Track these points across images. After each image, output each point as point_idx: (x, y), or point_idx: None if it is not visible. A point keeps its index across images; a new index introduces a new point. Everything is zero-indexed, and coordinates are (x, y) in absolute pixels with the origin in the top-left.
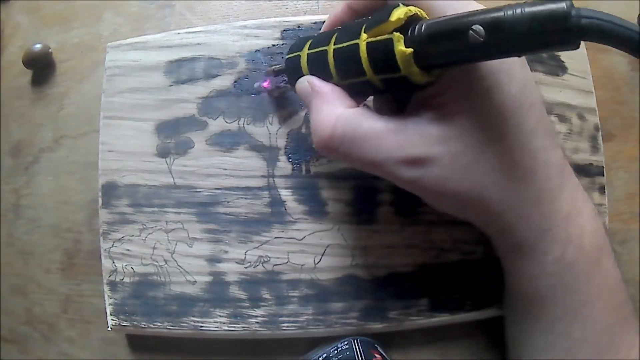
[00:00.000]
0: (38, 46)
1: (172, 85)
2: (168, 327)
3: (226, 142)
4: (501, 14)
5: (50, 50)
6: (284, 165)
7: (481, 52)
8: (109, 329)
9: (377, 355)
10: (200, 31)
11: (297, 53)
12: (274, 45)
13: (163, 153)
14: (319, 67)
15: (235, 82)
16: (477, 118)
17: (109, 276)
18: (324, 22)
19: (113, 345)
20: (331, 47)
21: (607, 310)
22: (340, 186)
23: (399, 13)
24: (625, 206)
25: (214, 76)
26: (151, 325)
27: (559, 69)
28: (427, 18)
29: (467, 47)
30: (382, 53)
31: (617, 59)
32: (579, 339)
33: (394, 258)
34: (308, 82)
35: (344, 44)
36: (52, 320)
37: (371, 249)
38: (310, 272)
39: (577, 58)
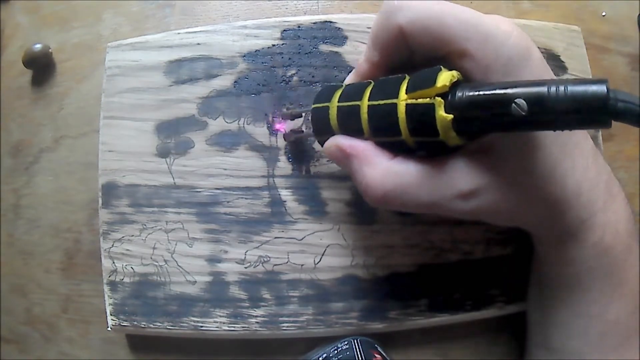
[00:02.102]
0: (38, 46)
1: (172, 85)
2: (168, 327)
3: (226, 142)
4: (544, 90)
5: (50, 50)
6: (284, 165)
7: (520, 125)
8: (109, 329)
9: (377, 355)
10: (200, 31)
11: (326, 104)
12: (274, 45)
13: (163, 153)
14: (350, 122)
15: (235, 82)
16: (509, 143)
17: (109, 276)
18: (324, 22)
19: (113, 345)
20: (365, 103)
21: (637, 291)
22: (340, 186)
23: (444, 79)
24: None
25: (214, 76)
26: (151, 325)
27: (559, 69)
28: (462, 80)
29: (507, 120)
30: (421, 117)
31: (617, 59)
32: (613, 320)
33: (394, 258)
34: (337, 147)
35: (381, 102)
36: (52, 320)
37: (371, 249)
38: (310, 272)
39: (577, 58)
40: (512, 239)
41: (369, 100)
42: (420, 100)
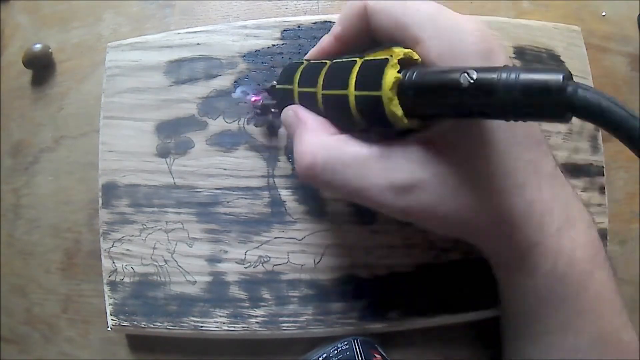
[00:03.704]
0: (38, 46)
1: (172, 85)
2: (168, 327)
3: (226, 142)
4: (495, 76)
5: (50, 50)
6: (284, 165)
7: (469, 112)
8: (109, 329)
9: (377, 355)
10: (200, 31)
11: (289, 86)
12: (274, 45)
13: (163, 153)
14: (310, 73)
15: (235, 82)
16: (463, 137)
17: (109, 276)
18: (324, 22)
19: (113, 345)
20: (319, 91)
21: (600, 321)
22: None
23: (390, 79)
24: (625, 206)
25: (214, 76)
26: (151, 325)
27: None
28: (420, 61)
29: (456, 101)
30: (371, 69)
31: (617, 59)
32: (570, 350)
33: (394, 258)
34: (293, 111)
35: (333, 92)
36: (52, 320)
37: (371, 249)
38: (310, 272)
39: (577, 58)
40: None
41: (322, 88)
42: (368, 93)
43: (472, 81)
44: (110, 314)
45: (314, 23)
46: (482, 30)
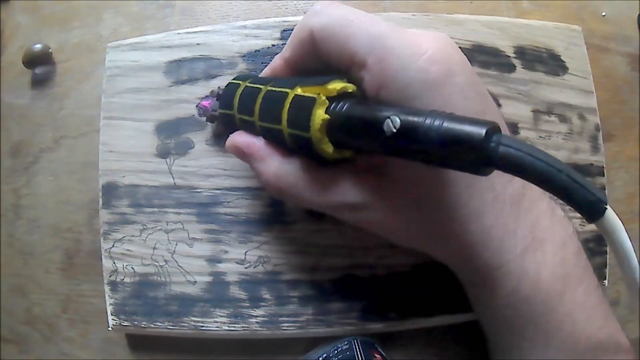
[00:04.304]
0: (38, 46)
1: (172, 86)
2: (168, 327)
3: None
4: (420, 119)
5: (50, 50)
6: None
7: (390, 149)
8: (110, 328)
9: (377, 355)
10: (200, 31)
11: (239, 82)
12: (274, 45)
13: (163, 153)
14: (247, 100)
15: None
16: (409, 166)
17: (110, 276)
18: None
19: (113, 345)
20: (266, 87)
21: (573, 339)
22: None
23: (336, 85)
24: (625, 206)
25: (214, 76)
26: (151, 325)
27: (559, 68)
28: (356, 93)
29: (378, 141)
30: (301, 107)
31: (617, 59)
32: None
33: (394, 258)
34: (235, 145)
35: (278, 89)
36: (52, 320)
37: (371, 249)
38: (310, 272)
39: (578, 58)
40: None
41: (259, 120)
42: (306, 93)
43: (394, 130)
44: (111, 314)
45: None
46: (436, 51)
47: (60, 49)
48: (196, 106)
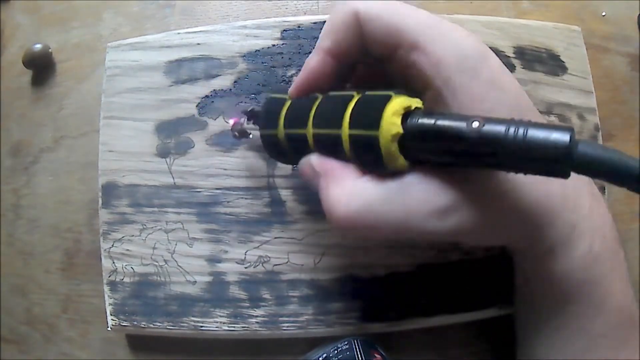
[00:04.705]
0: (38, 46)
1: (172, 85)
2: (168, 327)
3: (226, 142)
4: (502, 129)
5: (50, 50)
6: (284, 165)
7: (471, 159)
8: (109, 329)
9: (377, 355)
10: (200, 31)
11: (273, 132)
12: (274, 45)
13: (163, 153)
14: (297, 112)
15: (235, 82)
16: None
17: (109, 276)
18: (324, 22)
19: (113, 345)
20: (310, 131)
21: (624, 302)
22: None
23: (403, 99)
24: (625, 206)
25: (214, 76)
26: (151, 325)
27: (559, 69)
28: (422, 106)
29: (458, 154)
30: (370, 105)
31: (617, 59)
32: (598, 334)
33: (394, 258)
34: (308, 164)
35: (325, 131)
36: (52, 320)
37: (371, 249)
38: (310, 272)
39: (577, 58)
40: None
41: (313, 127)
42: (363, 132)
43: (478, 133)
44: (110, 314)
45: (314, 23)
46: (473, 35)
47: (60, 49)
48: (230, 128)
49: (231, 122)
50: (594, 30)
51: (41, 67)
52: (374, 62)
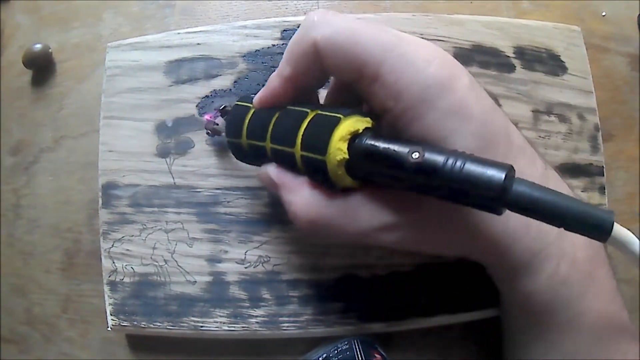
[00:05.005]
0: (38, 46)
1: (172, 85)
2: (168, 327)
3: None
4: (442, 158)
5: (50, 50)
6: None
7: (409, 184)
8: (109, 329)
9: (377, 355)
10: (200, 31)
11: (238, 140)
12: (274, 45)
13: (163, 153)
14: (258, 123)
15: (235, 82)
16: None
17: (109, 276)
18: None
19: (113, 345)
20: (268, 145)
21: (600, 321)
22: None
23: (356, 119)
24: (625, 206)
25: (214, 76)
26: (151, 325)
27: (559, 69)
28: (371, 126)
29: (398, 179)
30: (321, 126)
31: (617, 59)
32: (570, 351)
33: (394, 258)
34: (266, 175)
35: (280, 147)
36: (52, 320)
37: (371, 249)
38: (310, 272)
39: (577, 58)
40: None
41: (270, 142)
42: (312, 155)
43: (416, 166)
44: (110, 314)
45: None
46: (441, 56)
47: (60, 49)
48: (204, 126)
49: (206, 117)
50: (594, 30)
51: (41, 67)
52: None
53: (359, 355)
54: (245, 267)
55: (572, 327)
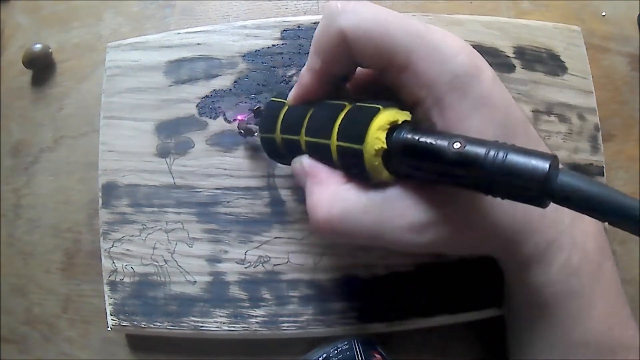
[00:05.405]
0: (38, 46)
1: (172, 85)
2: (168, 327)
3: (226, 142)
4: (482, 152)
5: (50, 50)
6: (283, 165)
7: (450, 178)
8: (109, 329)
9: (377, 355)
10: (200, 31)
11: (271, 135)
12: (274, 45)
13: (163, 153)
14: (293, 118)
15: (235, 82)
16: None
17: (109, 276)
18: None
19: (113, 345)
20: (303, 138)
21: (607, 312)
22: None
23: (394, 111)
24: None
25: (214, 76)
26: (151, 325)
27: (559, 69)
28: (409, 119)
29: (437, 172)
30: (359, 116)
31: (617, 59)
32: (578, 342)
33: (394, 258)
34: (300, 163)
35: (315, 140)
36: (52, 320)
37: (371, 249)
38: (310, 272)
39: (577, 58)
40: None
41: (305, 135)
42: (349, 145)
43: (458, 154)
44: (110, 314)
45: (314, 23)
46: (467, 47)
47: (60, 49)
48: (237, 126)
49: (239, 118)
50: (594, 30)
51: (41, 67)
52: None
53: (359, 355)
54: (245, 267)
55: (581, 319)
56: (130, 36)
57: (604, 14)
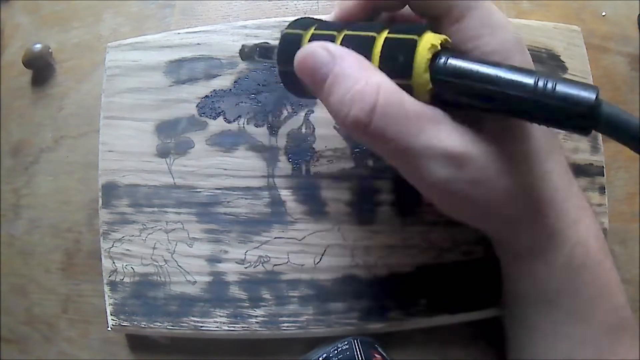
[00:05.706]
0: (38, 46)
1: (172, 85)
2: (168, 327)
3: (226, 142)
4: (531, 82)
5: (50, 50)
6: (284, 165)
7: (500, 105)
8: (109, 329)
9: (377, 355)
10: (200, 31)
11: (299, 31)
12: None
13: (163, 153)
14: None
15: (235, 82)
16: (501, 122)
17: (109, 276)
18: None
19: (113, 345)
20: (342, 33)
21: (609, 311)
22: (340, 186)
23: (430, 40)
24: (625, 206)
25: (214, 76)
26: (151, 325)
27: (559, 69)
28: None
29: (487, 98)
30: (398, 52)
31: (617, 59)
32: (580, 340)
33: (394, 258)
34: (323, 47)
35: (358, 32)
36: (52, 320)
37: (371, 249)
38: (310, 272)
39: (577, 58)
40: None
41: (347, 30)
42: (401, 35)
43: (510, 78)
44: (110, 314)
45: None
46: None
47: (60, 49)
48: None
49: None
50: (594, 30)
51: (41, 67)
52: None
53: (359, 355)
54: (245, 267)
55: (581, 316)
56: (130, 36)
57: (604, 14)
